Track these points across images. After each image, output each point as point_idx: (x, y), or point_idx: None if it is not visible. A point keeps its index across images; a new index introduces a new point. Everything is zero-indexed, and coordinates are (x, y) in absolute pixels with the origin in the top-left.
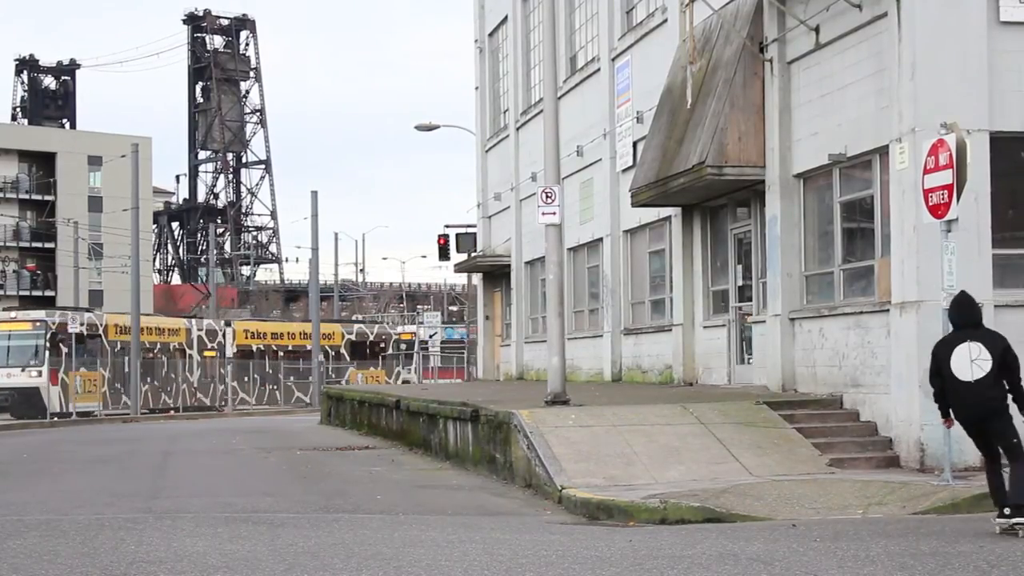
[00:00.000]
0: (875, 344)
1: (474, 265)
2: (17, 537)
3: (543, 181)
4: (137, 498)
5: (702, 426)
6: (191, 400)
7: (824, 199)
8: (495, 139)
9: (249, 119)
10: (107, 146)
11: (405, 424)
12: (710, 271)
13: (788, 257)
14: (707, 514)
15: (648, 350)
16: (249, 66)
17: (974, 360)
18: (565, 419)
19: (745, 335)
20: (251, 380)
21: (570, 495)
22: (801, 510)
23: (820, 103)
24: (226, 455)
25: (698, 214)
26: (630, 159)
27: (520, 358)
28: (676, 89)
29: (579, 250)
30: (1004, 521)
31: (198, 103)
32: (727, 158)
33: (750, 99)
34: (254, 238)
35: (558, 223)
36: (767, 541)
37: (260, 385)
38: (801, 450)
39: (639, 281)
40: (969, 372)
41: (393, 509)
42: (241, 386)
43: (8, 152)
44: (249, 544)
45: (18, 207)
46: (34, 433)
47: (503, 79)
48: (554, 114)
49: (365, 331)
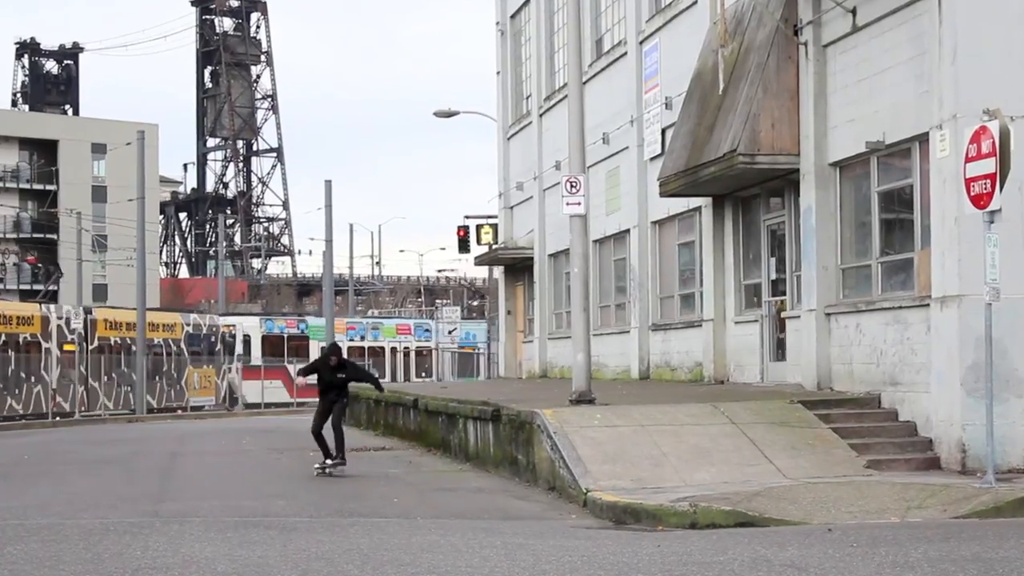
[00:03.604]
0: (915, 340)
1: (495, 258)
2: (18, 543)
3: (567, 170)
4: (143, 501)
5: (734, 426)
6: (48, 405)
7: (861, 189)
8: (517, 126)
9: (260, 105)
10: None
11: (423, 424)
12: (742, 264)
13: (824, 249)
14: (739, 518)
15: (677, 347)
16: (260, 49)
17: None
18: (590, 419)
19: (778, 331)
20: (111, 380)
21: (595, 498)
22: (837, 514)
23: (857, 88)
24: (236, 456)
25: (730, 204)
26: (658, 147)
27: (543, 355)
28: (707, 74)
29: (605, 242)
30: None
31: (207, 88)
32: (760, 146)
33: (784, 84)
34: (265, 229)
35: (583, 214)
36: (801, 546)
37: (117, 386)
38: (837, 451)
39: (668, 274)
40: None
41: (410, 513)
42: (102, 387)
43: (8, 140)
44: (260, 549)
45: (18, 197)
46: (36, 433)
47: (525, 63)
48: (579, 100)
49: (200, 322)
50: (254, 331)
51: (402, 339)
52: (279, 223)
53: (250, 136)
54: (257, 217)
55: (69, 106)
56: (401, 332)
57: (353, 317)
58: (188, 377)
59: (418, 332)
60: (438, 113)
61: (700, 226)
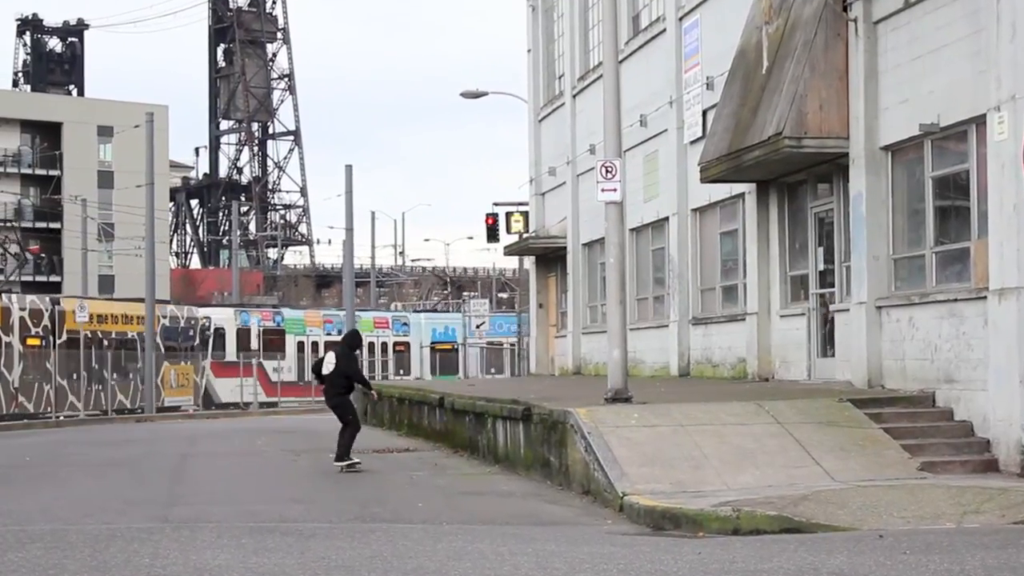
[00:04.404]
0: (971, 335)
1: (526, 247)
2: (19, 549)
3: (602, 154)
4: (152, 506)
5: (779, 426)
6: (9, 406)
7: (914, 174)
8: (549, 107)
9: (276, 85)
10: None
11: (449, 424)
12: (788, 254)
13: (874, 238)
14: (784, 523)
15: (719, 342)
16: (276, 26)
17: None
18: (627, 418)
19: (827, 325)
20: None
21: (632, 502)
22: (889, 519)
23: (910, 67)
24: (250, 458)
25: (775, 191)
26: (699, 130)
27: (577, 350)
28: (750, 52)
29: (642, 231)
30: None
31: (220, 68)
32: (807, 128)
33: (832, 63)
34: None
35: (619, 200)
36: (851, 553)
37: (87, 384)
38: (889, 452)
39: (709, 265)
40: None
41: (436, 518)
42: (71, 386)
43: (9, 122)
44: (276, 557)
45: (20, 183)
46: (38, 433)
47: (558, 41)
48: (615, 80)
49: (177, 314)
50: (228, 324)
51: (379, 333)
52: (296, 211)
53: (266, 118)
54: (273, 204)
55: (73, 86)
56: (379, 326)
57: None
58: (164, 374)
59: (396, 326)
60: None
61: (743, 214)
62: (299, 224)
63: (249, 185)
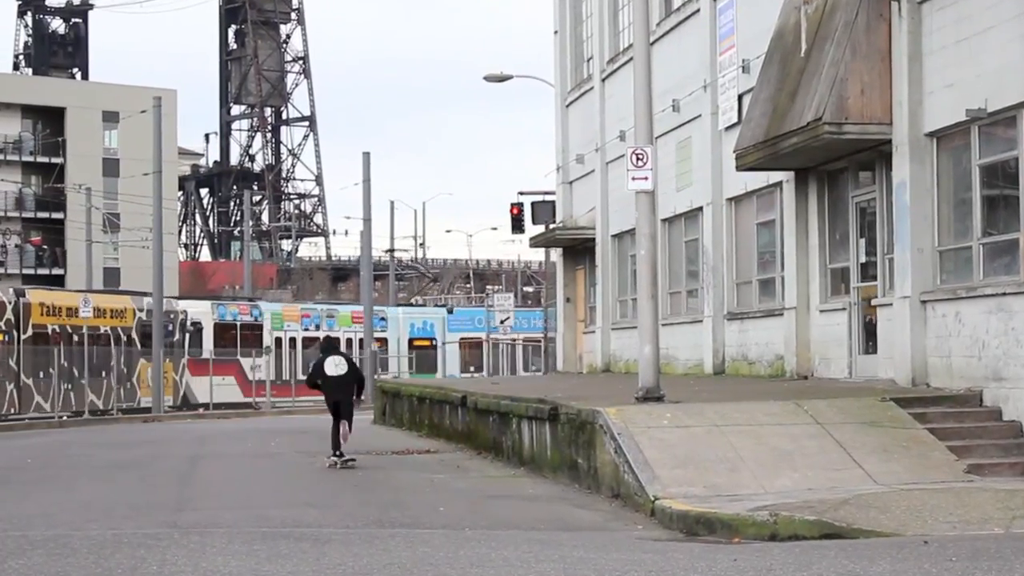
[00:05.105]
0: (1020, 331)
1: (552, 239)
2: (20, 556)
3: (633, 141)
4: (160, 510)
5: (818, 426)
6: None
7: (961, 162)
8: (577, 92)
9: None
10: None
11: (472, 424)
12: (828, 246)
13: (919, 229)
14: (824, 529)
15: (755, 338)
16: (290, 6)
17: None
18: (659, 418)
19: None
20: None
21: (665, 507)
22: (934, 524)
23: (956, 50)
24: (264, 460)
25: (814, 179)
26: (735, 115)
27: (606, 347)
28: (788, 33)
29: (675, 221)
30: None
31: (231, 50)
32: (848, 114)
33: (874, 45)
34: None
35: (651, 189)
36: (894, 560)
37: (57, 383)
38: (934, 454)
39: (745, 257)
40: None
41: (458, 523)
42: (37, 385)
43: (10, 107)
44: (290, 564)
45: (21, 171)
46: (41, 434)
47: (586, 21)
48: (646, 63)
49: None
50: (205, 318)
51: (357, 328)
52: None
53: (279, 103)
54: (287, 193)
55: (77, 69)
56: (356, 320)
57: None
58: (141, 373)
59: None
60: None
61: (781, 203)
62: (314, 214)
63: (262, 173)
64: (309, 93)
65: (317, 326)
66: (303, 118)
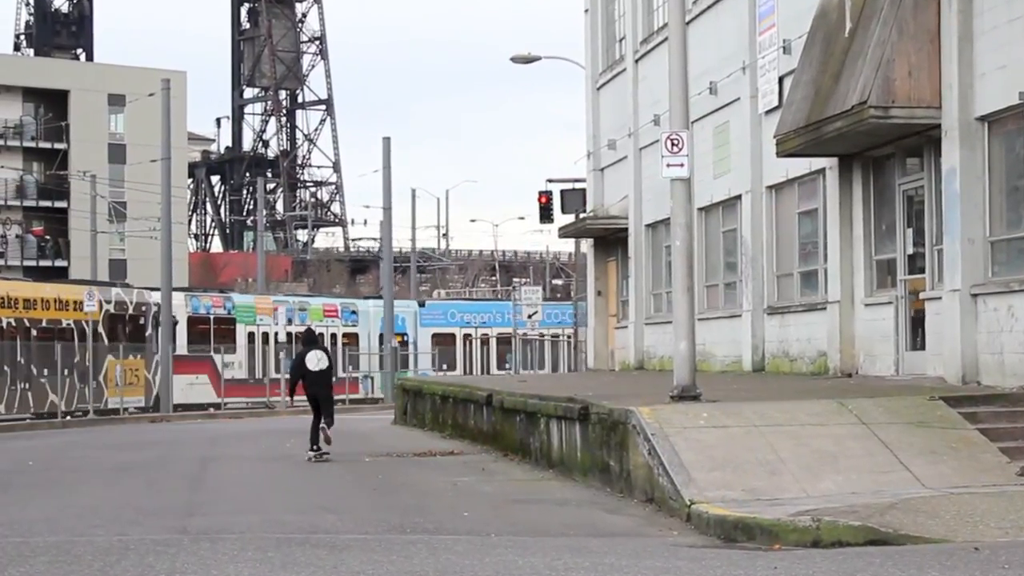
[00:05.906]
0: None
1: (583, 228)
2: (21, 563)
3: (668, 125)
4: (168, 515)
5: (863, 427)
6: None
7: (1014, 147)
8: (608, 74)
9: (306, 49)
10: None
11: (498, 424)
12: (873, 236)
13: (969, 219)
14: (869, 535)
15: (797, 333)
16: None
17: None
18: (695, 418)
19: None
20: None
21: (701, 511)
22: (985, 530)
23: (1009, 29)
24: (278, 462)
25: (859, 166)
26: (775, 98)
27: (639, 343)
28: (832, 12)
29: (712, 210)
30: None
31: (243, 30)
32: (894, 97)
33: (922, 24)
34: (312, 195)
35: (686, 176)
36: (943, 568)
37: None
38: (985, 456)
39: (786, 248)
40: None
41: (483, 529)
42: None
43: (10, 89)
44: (306, 572)
45: (22, 157)
46: (43, 435)
47: (619, 0)
48: (682, 43)
49: (124, 300)
50: (179, 311)
51: (328, 322)
52: (329, 188)
53: (294, 85)
54: (303, 181)
55: (81, 50)
56: (328, 314)
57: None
58: (108, 370)
59: (345, 315)
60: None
61: (824, 191)
62: (331, 203)
63: (276, 160)
64: (326, 75)
65: (289, 320)
66: (319, 101)
